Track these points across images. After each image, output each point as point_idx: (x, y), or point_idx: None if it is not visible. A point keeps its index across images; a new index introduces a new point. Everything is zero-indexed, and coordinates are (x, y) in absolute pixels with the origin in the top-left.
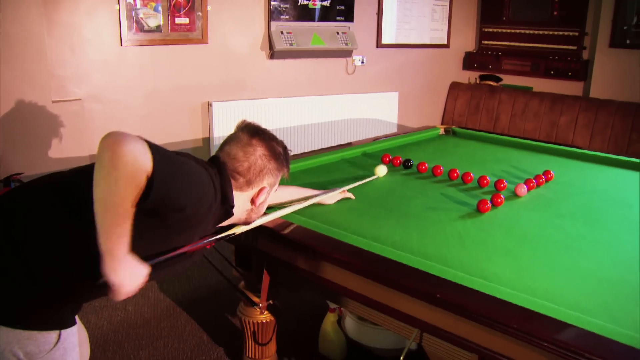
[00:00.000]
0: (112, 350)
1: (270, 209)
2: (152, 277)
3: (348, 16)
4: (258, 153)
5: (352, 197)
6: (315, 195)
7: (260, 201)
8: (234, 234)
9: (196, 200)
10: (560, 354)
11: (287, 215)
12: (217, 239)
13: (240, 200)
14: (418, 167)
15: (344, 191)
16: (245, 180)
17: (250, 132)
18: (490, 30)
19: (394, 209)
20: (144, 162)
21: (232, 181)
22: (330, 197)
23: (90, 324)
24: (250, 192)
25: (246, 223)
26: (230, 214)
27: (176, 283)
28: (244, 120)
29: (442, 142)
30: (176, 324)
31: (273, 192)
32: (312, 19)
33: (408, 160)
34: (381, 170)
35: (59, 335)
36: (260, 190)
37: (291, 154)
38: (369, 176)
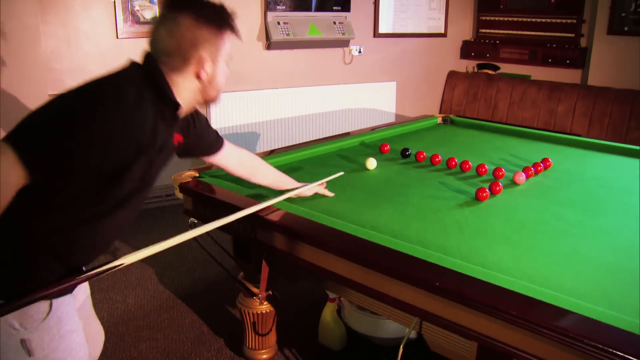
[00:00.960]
0: (112, 342)
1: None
2: None
3: (345, 6)
4: (184, 24)
5: (330, 194)
6: (295, 189)
7: (207, 74)
8: (121, 264)
9: (97, 121)
10: (559, 340)
11: (278, 203)
12: (94, 274)
13: (184, 83)
14: (416, 156)
15: (322, 184)
16: (178, 60)
17: (169, 5)
18: (488, 18)
19: (393, 198)
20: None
21: (164, 67)
22: (309, 189)
23: None
24: (192, 68)
25: (208, 102)
26: (175, 103)
27: (176, 275)
28: None
29: (440, 131)
30: (176, 316)
31: (224, 61)
32: (308, 9)
33: (406, 149)
34: (371, 163)
35: (50, 305)
36: (200, 63)
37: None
38: (367, 166)
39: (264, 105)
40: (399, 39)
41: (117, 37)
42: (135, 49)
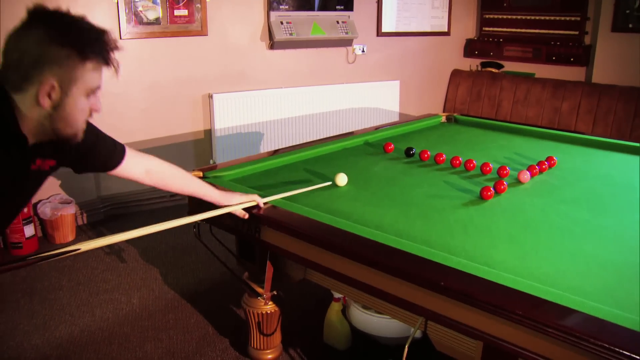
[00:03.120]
0: (117, 343)
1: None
2: None
3: (348, 5)
4: (33, 37)
5: (244, 215)
6: (236, 204)
7: (50, 103)
8: (78, 249)
9: None
10: (565, 339)
11: (277, 201)
12: (50, 256)
13: (27, 106)
14: (420, 155)
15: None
16: (19, 76)
17: (31, 13)
18: (491, 16)
19: (397, 198)
20: None
21: (7, 84)
22: (238, 205)
23: (95, 317)
24: (33, 90)
25: (61, 137)
26: (18, 136)
27: (180, 276)
28: (38, 4)
29: (444, 130)
30: (181, 316)
31: (82, 92)
32: (311, 9)
33: (410, 149)
34: (341, 180)
35: None
36: (43, 85)
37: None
38: (370, 167)
39: (267, 105)
40: (402, 37)
41: (120, 38)
42: (138, 50)
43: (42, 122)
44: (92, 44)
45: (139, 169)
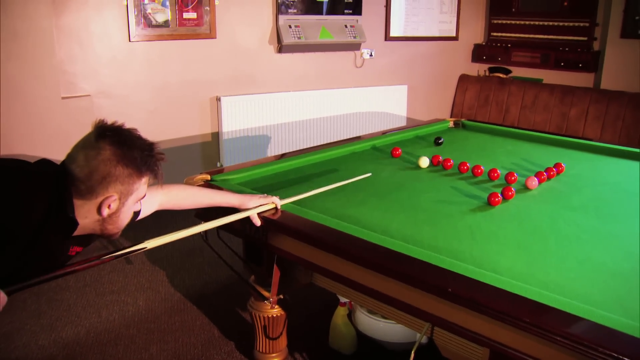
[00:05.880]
0: (123, 345)
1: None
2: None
3: (356, 9)
4: (102, 157)
5: (258, 223)
6: (243, 211)
7: (109, 212)
8: (145, 247)
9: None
10: (572, 347)
11: (287, 206)
12: (118, 255)
13: (85, 210)
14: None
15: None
16: (86, 188)
17: (98, 132)
18: (500, 22)
19: (405, 203)
20: None
21: (73, 187)
22: (253, 209)
23: (102, 319)
24: (96, 201)
25: (106, 235)
26: (74, 224)
27: (187, 278)
28: (100, 120)
29: (452, 135)
30: (187, 319)
31: (133, 201)
32: (320, 12)
33: (439, 137)
34: (424, 162)
35: None
36: (106, 199)
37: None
38: (378, 171)
39: (275, 108)
40: (411, 42)
41: (130, 40)
42: (147, 52)
43: (94, 224)
44: (147, 161)
45: (153, 207)
